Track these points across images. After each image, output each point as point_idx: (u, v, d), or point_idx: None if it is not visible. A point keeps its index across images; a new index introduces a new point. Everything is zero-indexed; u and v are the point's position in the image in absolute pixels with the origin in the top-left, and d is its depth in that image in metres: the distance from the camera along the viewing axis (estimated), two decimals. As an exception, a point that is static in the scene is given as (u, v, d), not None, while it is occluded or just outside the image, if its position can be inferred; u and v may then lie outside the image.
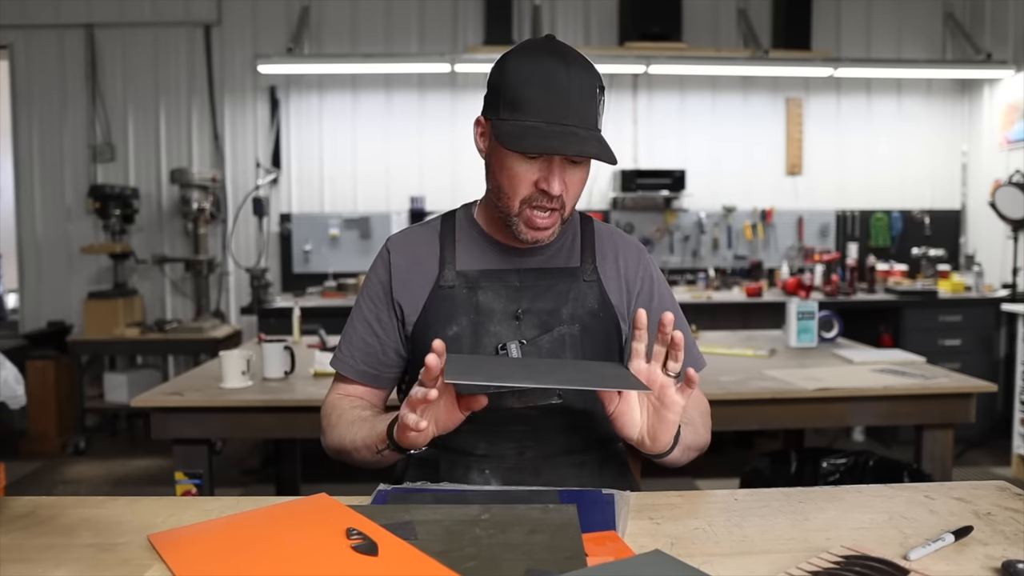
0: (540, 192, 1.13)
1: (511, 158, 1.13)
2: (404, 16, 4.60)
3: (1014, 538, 0.94)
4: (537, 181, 1.12)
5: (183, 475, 2.03)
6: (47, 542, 0.95)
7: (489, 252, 1.25)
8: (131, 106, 4.56)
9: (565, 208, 1.16)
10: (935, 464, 2.16)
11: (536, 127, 1.08)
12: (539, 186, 1.12)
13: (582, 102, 1.10)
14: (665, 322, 1.02)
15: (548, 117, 1.08)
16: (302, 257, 4.59)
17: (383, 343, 1.27)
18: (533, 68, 1.11)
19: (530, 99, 1.09)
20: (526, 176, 1.13)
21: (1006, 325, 4.18)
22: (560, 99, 1.09)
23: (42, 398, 4.11)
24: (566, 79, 1.09)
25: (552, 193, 1.12)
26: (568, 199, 1.15)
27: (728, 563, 0.87)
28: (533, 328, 1.21)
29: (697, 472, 3.54)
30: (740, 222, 4.73)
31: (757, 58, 4.44)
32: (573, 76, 1.10)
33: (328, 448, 1.26)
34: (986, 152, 4.63)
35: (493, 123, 1.14)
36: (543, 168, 1.12)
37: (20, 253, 4.59)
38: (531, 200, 1.14)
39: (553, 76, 1.09)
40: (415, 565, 0.83)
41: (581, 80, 1.10)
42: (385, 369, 1.28)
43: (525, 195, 1.14)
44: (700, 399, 1.33)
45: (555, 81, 1.09)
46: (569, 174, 1.14)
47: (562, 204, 1.15)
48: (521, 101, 1.10)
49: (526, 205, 1.15)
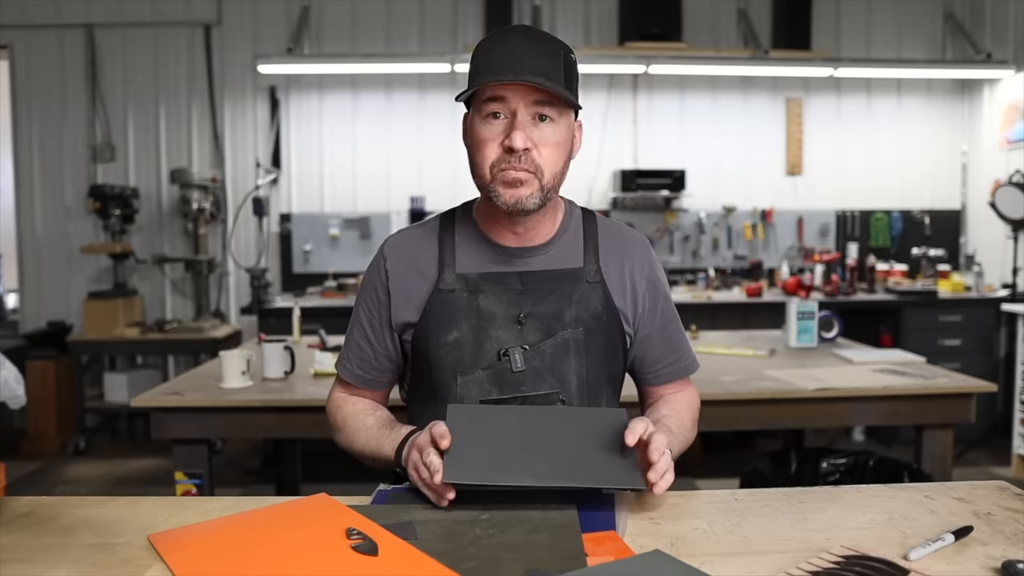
0: (506, 151, 1.11)
1: (476, 125, 1.14)
2: (404, 16, 4.60)
3: (1014, 538, 0.94)
4: (502, 142, 1.12)
5: (183, 475, 2.03)
6: (47, 542, 0.95)
7: (489, 254, 1.23)
8: (131, 106, 4.56)
9: (541, 172, 1.13)
10: (935, 464, 2.16)
11: (487, 77, 1.10)
12: (504, 145, 1.11)
13: (540, 56, 1.10)
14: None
15: (499, 69, 1.09)
16: (302, 257, 4.59)
17: (375, 349, 1.27)
18: (489, 41, 1.14)
19: (488, 61, 1.11)
20: (491, 137, 1.12)
21: (1006, 325, 4.18)
22: (514, 55, 1.09)
23: (42, 398, 4.11)
24: (521, 43, 1.10)
25: (515, 146, 1.09)
26: (543, 159, 1.13)
27: (728, 563, 0.87)
28: (536, 332, 1.20)
29: (697, 472, 3.54)
30: (740, 222, 4.73)
31: (757, 58, 4.43)
32: (530, 39, 1.11)
33: (340, 447, 1.29)
34: (986, 152, 4.63)
35: (461, 102, 1.16)
36: (506, 127, 1.11)
37: (20, 253, 4.59)
38: (500, 163, 1.12)
39: (509, 42, 1.11)
40: (415, 565, 0.83)
41: (538, 44, 1.11)
42: (379, 374, 1.29)
43: (494, 158, 1.13)
44: (693, 397, 1.34)
45: (510, 43, 1.11)
46: (536, 130, 1.12)
47: (534, 165, 1.12)
48: (478, 66, 1.12)
49: (496, 169, 1.13)
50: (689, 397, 1.33)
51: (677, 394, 1.33)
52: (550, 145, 1.13)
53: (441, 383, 1.20)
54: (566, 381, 1.20)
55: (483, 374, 1.19)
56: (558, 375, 1.20)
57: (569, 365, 1.20)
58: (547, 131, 1.13)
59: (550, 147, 1.13)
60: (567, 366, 1.20)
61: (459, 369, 1.19)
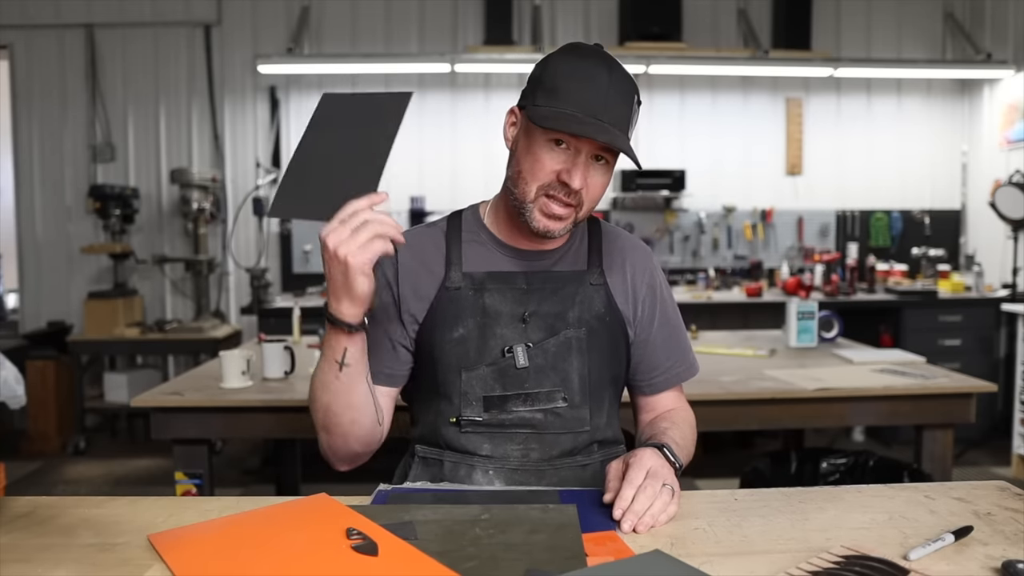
0: (560, 183, 1.12)
1: (538, 144, 1.13)
2: (404, 16, 4.60)
3: (1014, 538, 0.94)
4: (560, 172, 1.12)
5: (183, 475, 2.03)
6: (47, 542, 0.95)
7: (496, 254, 1.24)
8: (131, 106, 4.56)
9: (582, 207, 1.15)
10: (935, 464, 2.16)
11: (572, 114, 1.09)
12: (560, 177, 1.12)
13: (619, 104, 1.11)
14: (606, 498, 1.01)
15: (585, 108, 1.09)
16: (302, 257, 4.59)
17: (394, 341, 1.25)
18: (577, 64, 1.12)
19: (570, 89, 1.10)
20: (550, 163, 1.13)
21: (1006, 325, 4.18)
22: (599, 95, 1.09)
23: (42, 398, 4.11)
24: (607, 79, 1.11)
25: (572, 186, 1.11)
26: (587, 199, 1.15)
27: (728, 563, 0.87)
28: (539, 331, 1.21)
29: (697, 472, 3.54)
30: (740, 222, 4.73)
31: (757, 58, 4.44)
32: (615, 79, 1.11)
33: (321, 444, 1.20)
34: (986, 152, 4.63)
35: (528, 109, 1.15)
36: (568, 160, 1.12)
37: (20, 253, 4.59)
38: (548, 188, 1.13)
39: (595, 74, 1.11)
40: (415, 565, 0.83)
41: (621, 85, 1.12)
42: (399, 367, 1.26)
43: (544, 182, 1.13)
44: (689, 414, 1.33)
45: (596, 78, 1.10)
46: (592, 173, 1.14)
47: (579, 201, 1.14)
48: (560, 90, 1.11)
49: (542, 192, 1.14)
50: (685, 413, 1.32)
51: (672, 411, 1.32)
52: (599, 186, 1.16)
53: (446, 379, 1.21)
54: (568, 379, 1.21)
55: (487, 370, 1.20)
56: (560, 373, 1.21)
57: (571, 364, 1.21)
58: (600, 171, 1.15)
59: (598, 187, 1.16)
60: (569, 364, 1.21)
61: (463, 365, 1.20)
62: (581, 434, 1.23)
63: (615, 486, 1.01)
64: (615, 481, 1.02)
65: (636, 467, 1.01)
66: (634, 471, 1.01)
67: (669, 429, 1.21)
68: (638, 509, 0.97)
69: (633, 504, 0.97)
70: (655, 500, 0.98)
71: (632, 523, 0.96)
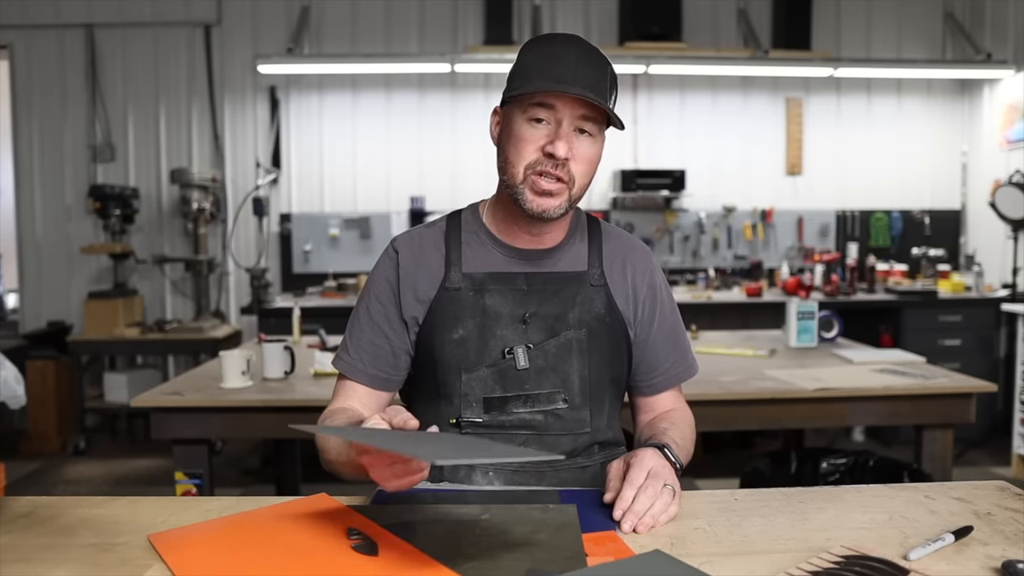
0: (546, 156, 1.12)
1: (519, 125, 1.13)
2: (404, 16, 4.60)
3: (1014, 538, 0.94)
4: (544, 146, 1.12)
5: (183, 475, 2.03)
6: (47, 542, 0.95)
7: (496, 254, 1.24)
8: (131, 106, 4.56)
9: (573, 182, 1.15)
10: (935, 464, 2.16)
11: (541, 83, 1.10)
12: (545, 150, 1.12)
13: (590, 74, 1.12)
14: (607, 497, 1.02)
15: (555, 79, 1.10)
16: (302, 257, 4.59)
17: (393, 345, 1.24)
18: (545, 47, 1.15)
19: (540, 66, 1.12)
20: (532, 139, 1.13)
21: (1006, 325, 4.18)
22: (569, 66, 1.11)
23: (42, 398, 4.11)
24: (574, 56, 1.12)
25: (557, 154, 1.11)
26: (576, 172, 1.14)
27: (728, 563, 0.87)
28: (540, 332, 1.21)
29: (697, 472, 3.54)
30: (740, 222, 4.73)
31: (757, 58, 4.44)
32: (583, 52, 1.13)
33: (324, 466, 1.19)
34: (986, 152, 4.63)
35: (504, 99, 1.16)
36: (550, 133, 1.12)
37: (20, 253, 4.59)
38: (536, 165, 1.13)
39: (564, 51, 1.12)
40: (415, 565, 0.83)
41: (590, 58, 1.13)
42: (395, 372, 1.25)
43: (531, 160, 1.13)
44: (688, 415, 1.32)
45: (565, 55, 1.12)
46: (577, 143, 1.13)
47: (569, 175, 1.14)
48: (528, 69, 1.13)
49: (531, 171, 1.13)
50: (684, 414, 1.32)
51: (671, 411, 1.31)
52: (585, 159, 1.15)
53: (446, 380, 1.21)
54: (569, 380, 1.21)
55: (487, 371, 1.19)
56: (561, 374, 1.21)
57: (572, 365, 1.21)
58: (585, 145, 1.15)
59: (585, 161, 1.15)
60: (570, 366, 1.21)
61: (464, 366, 1.19)
62: (581, 436, 1.22)
63: (616, 486, 1.02)
64: (616, 481, 1.02)
65: (637, 467, 1.02)
66: (635, 471, 1.01)
67: (669, 429, 1.21)
68: (639, 509, 0.97)
69: (634, 504, 0.97)
70: (656, 500, 0.98)
71: (632, 523, 0.96)
